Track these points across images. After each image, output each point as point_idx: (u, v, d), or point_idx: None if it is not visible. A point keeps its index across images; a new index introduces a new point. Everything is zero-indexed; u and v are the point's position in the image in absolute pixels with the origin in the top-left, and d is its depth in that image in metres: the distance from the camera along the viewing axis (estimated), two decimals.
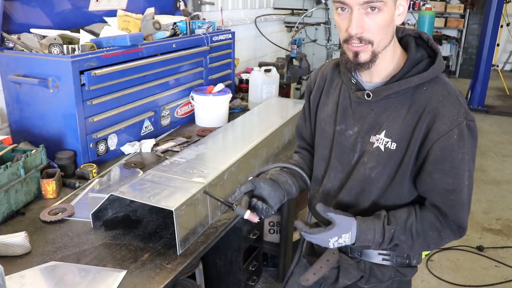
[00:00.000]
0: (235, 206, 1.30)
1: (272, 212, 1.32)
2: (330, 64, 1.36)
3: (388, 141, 1.15)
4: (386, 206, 1.22)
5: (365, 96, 1.18)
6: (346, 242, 1.16)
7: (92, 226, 1.57)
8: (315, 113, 1.39)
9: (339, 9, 1.08)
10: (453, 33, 9.42)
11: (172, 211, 1.38)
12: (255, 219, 1.28)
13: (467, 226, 1.20)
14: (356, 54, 1.11)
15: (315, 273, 1.27)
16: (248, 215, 1.27)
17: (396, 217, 1.19)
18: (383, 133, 1.16)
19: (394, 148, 1.15)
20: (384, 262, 1.28)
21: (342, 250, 1.31)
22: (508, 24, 7.75)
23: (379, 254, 1.28)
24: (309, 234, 1.18)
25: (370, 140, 1.19)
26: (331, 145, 1.30)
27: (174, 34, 2.60)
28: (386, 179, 1.19)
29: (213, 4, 3.44)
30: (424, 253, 1.37)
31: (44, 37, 2.02)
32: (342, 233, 1.14)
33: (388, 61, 1.17)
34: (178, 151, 2.18)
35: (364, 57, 1.11)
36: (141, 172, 1.97)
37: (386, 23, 1.08)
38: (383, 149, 1.16)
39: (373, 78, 1.20)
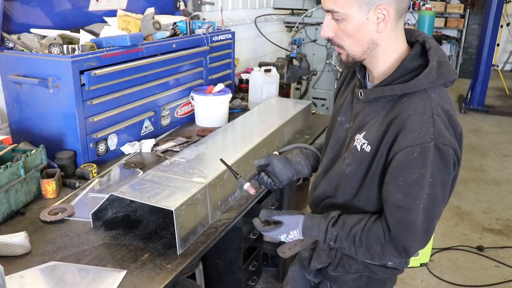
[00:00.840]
0: (239, 177, 1.41)
1: (280, 187, 1.49)
2: None
3: (365, 143, 1.18)
4: (357, 207, 1.25)
5: (359, 94, 1.22)
6: (296, 236, 1.27)
7: (92, 226, 1.57)
8: (335, 99, 1.46)
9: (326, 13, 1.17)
10: (453, 33, 9.42)
11: (172, 211, 1.38)
12: (251, 191, 1.38)
13: (414, 250, 1.15)
14: (339, 53, 1.21)
15: (290, 248, 1.37)
16: (247, 186, 1.39)
17: (345, 222, 1.22)
18: (363, 134, 1.19)
19: (369, 151, 1.17)
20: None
21: None
22: (508, 24, 7.75)
23: None
24: (263, 232, 1.32)
25: (355, 138, 1.22)
26: (331, 132, 1.37)
27: (174, 34, 2.60)
28: (359, 178, 1.21)
29: (213, 4, 3.44)
30: (417, 261, 1.39)
31: (44, 37, 2.02)
32: (290, 230, 1.27)
33: (381, 64, 1.18)
34: (178, 151, 2.18)
35: (343, 57, 1.20)
36: (141, 172, 1.97)
37: (352, 32, 1.12)
38: (359, 149, 1.19)
39: (372, 78, 1.23)
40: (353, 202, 1.26)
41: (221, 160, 1.49)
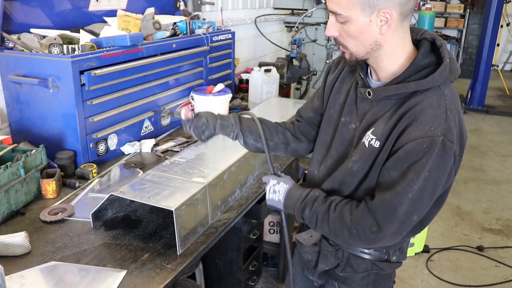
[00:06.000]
0: (173, 114, 1.48)
1: (202, 137, 1.44)
2: None
3: (373, 138, 1.17)
4: (358, 197, 1.25)
5: (367, 94, 1.21)
6: (280, 191, 1.33)
7: (92, 226, 1.57)
8: (328, 95, 1.41)
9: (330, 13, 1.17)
10: (453, 33, 9.42)
11: (172, 211, 1.39)
12: (188, 114, 1.44)
13: (383, 235, 1.15)
14: (343, 52, 1.22)
15: (312, 235, 1.38)
16: (184, 112, 1.44)
17: (327, 197, 1.26)
18: (371, 130, 1.19)
19: (377, 146, 1.16)
20: (362, 255, 1.32)
21: (324, 237, 1.36)
22: (508, 24, 7.75)
23: (359, 248, 1.32)
24: (264, 177, 1.39)
25: (365, 136, 1.21)
26: (334, 133, 1.33)
27: (174, 34, 2.60)
28: (365, 173, 1.21)
29: (213, 4, 3.44)
30: (412, 250, 1.39)
31: (44, 37, 2.02)
32: (281, 182, 1.34)
33: (389, 62, 1.18)
34: (178, 151, 2.18)
35: (347, 56, 1.21)
36: (141, 172, 1.97)
37: (356, 33, 1.14)
38: (367, 145, 1.19)
39: (379, 77, 1.23)
40: (355, 194, 1.26)
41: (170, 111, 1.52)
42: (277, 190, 1.34)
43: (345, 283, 1.37)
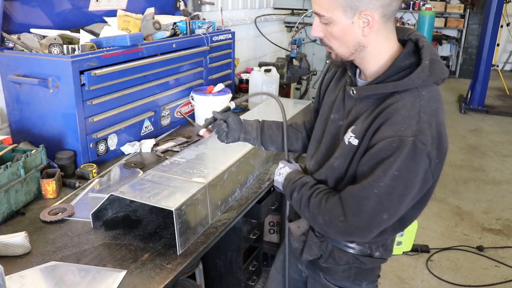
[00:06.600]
0: (196, 124, 1.47)
1: (226, 142, 1.54)
2: None
3: (352, 136, 1.20)
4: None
5: (351, 92, 1.24)
6: (283, 174, 1.41)
7: (92, 226, 1.57)
8: (324, 93, 1.46)
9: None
10: (453, 33, 9.42)
11: (172, 211, 1.39)
12: (206, 135, 1.50)
13: (353, 227, 1.18)
14: (329, 53, 1.26)
15: (299, 226, 1.44)
16: (202, 131, 1.49)
17: (315, 184, 1.32)
18: (352, 128, 1.22)
19: (356, 144, 1.19)
20: (345, 248, 1.35)
21: (311, 228, 1.41)
22: (508, 24, 7.75)
23: (343, 241, 1.37)
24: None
25: (346, 134, 1.24)
26: (324, 129, 1.38)
27: (174, 34, 2.60)
28: (344, 170, 1.25)
29: (213, 4, 3.44)
30: (399, 249, 1.43)
31: (44, 37, 2.02)
32: (286, 166, 1.42)
33: (373, 63, 1.20)
34: (178, 151, 2.18)
35: (333, 56, 1.25)
36: (141, 172, 1.97)
37: (339, 35, 1.16)
38: (347, 143, 1.22)
39: (364, 76, 1.26)
40: (338, 189, 1.29)
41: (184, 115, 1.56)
42: (282, 172, 1.42)
43: (328, 274, 1.43)
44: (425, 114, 1.10)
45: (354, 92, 1.22)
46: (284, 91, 3.61)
